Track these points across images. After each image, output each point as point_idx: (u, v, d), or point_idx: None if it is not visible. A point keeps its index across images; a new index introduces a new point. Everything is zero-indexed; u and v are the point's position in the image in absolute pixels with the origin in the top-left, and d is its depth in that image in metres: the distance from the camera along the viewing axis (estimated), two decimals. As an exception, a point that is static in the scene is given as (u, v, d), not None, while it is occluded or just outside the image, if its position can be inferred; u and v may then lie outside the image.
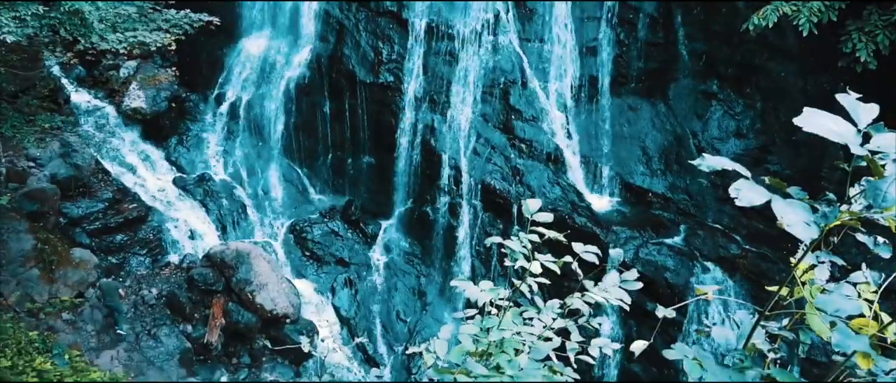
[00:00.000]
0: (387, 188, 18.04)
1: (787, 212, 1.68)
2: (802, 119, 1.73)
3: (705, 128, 17.29)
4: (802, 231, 1.64)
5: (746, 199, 1.73)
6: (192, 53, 18.75)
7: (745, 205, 1.74)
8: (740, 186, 1.76)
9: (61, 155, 16.43)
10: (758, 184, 1.76)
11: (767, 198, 1.73)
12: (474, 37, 17.28)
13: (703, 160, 1.95)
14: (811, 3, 13.17)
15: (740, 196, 1.74)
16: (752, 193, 1.72)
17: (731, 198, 7.03)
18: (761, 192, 1.73)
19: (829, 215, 1.71)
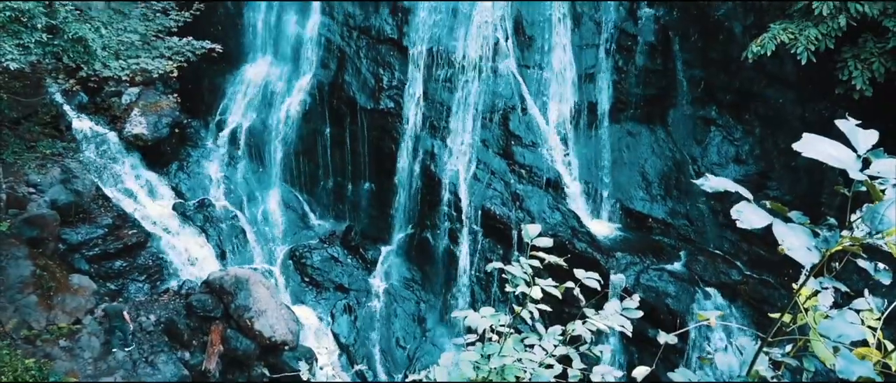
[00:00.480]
0: (387, 213, 18.04)
1: (789, 236, 1.67)
2: (802, 144, 1.74)
3: (705, 153, 17.34)
4: (804, 255, 1.64)
5: (748, 222, 1.73)
6: (194, 80, 18.89)
7: (746, 228, 1.74)
8: (742, 208, 1.76)
9: (62, 181, 16.46)
10: (760, 208, 1.77)
11: (769, 222, 1.73)
12: (474, 63, 17.42)
13: (707, 180, 1.95)
14: (808, 31, 13.31)
15: (742, 218, 1.74)
16: (753, 216, 1.72)
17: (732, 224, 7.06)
18: (763, 215, 1.73)
19: (831, 240, 1.71)
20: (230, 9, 19.02)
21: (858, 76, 13.44)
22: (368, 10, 18.02)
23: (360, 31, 18.04)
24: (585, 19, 17.82)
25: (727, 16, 17.07)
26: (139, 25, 13.97)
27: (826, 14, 13.09)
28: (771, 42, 13.64)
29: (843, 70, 13.75)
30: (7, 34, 10.84)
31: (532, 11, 17.69)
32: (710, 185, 1.87)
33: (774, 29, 13.83)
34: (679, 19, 17.65)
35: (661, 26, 17.66)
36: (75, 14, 12.38)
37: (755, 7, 16.41)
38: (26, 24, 10.96)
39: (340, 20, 18.23)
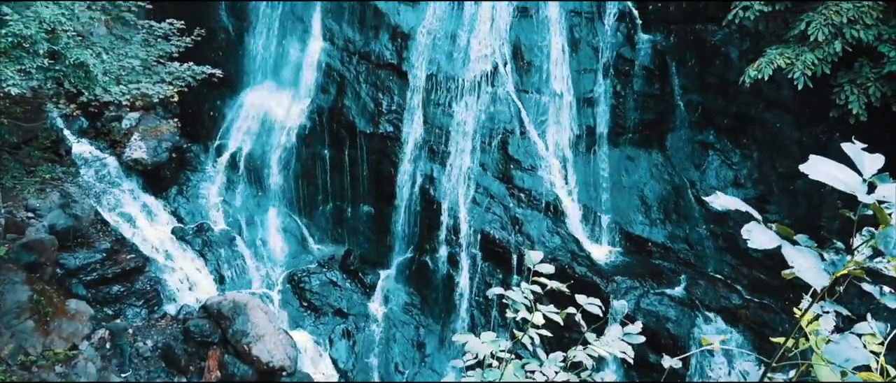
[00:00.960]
0: (386, 237, 18.00)
1: (799, 258, 1.67)
2: (808, 167, 1.75)
3: (703, 177, 17.38)
4: (814, 277, 1.63)
5: (758, 242, 1.73)
6: (194, 105, 18.98)
7: (756, 248, 1.73)
8: (752, 229, 1.76)
9: (61, 205, 16.44)
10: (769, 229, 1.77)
11: (778, 243, 1.72)
12: (473, 88, 17.52)
13: (716, 198, 1.95)
14: (805, 56, 13.42)
15: (752, 238, 1.74)
16: (763, 236, 1.72)
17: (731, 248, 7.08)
18: (772, 237, 1.73)
19: (838, 263, 1.71)
20: (231, 35, 19.18)
21: (854, 100, 13.52)
22: (368, 36, 18.17)
23: (359, 56, 18.17)
24: (583, 45, 17.98)
25: (724, 41, 17.24)
26: (140, 51, 14.05)
27: (821, 39, 13.21)
28: (768, 66, 13.75)
29: (839, 94, 13.84)
30: (9, 60, 10.90)
31: (530, 37, 17.84)
32: (720, 203, 1.87)
33: (771, 54, 13.95)
34: (676, 45, 17.81)
35: (658, 52, 17.82)
36: (77, 40, 12.46)
37: (751, 32, 16.57)
38: (28, 50, 11.03)
39: (340, 46, 18.37)
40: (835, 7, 13.27)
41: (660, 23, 17.94)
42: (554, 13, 17.87)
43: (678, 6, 17.80)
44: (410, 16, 17.96)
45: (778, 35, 14.70)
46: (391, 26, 17.96)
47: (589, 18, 18.07)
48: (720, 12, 16.73)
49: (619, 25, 18.00)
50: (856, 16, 13.08)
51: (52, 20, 11.03)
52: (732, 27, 16.28)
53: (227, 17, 19.20)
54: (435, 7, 17.90)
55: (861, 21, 13.08)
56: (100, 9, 13.45)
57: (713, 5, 17.40)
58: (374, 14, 18.10)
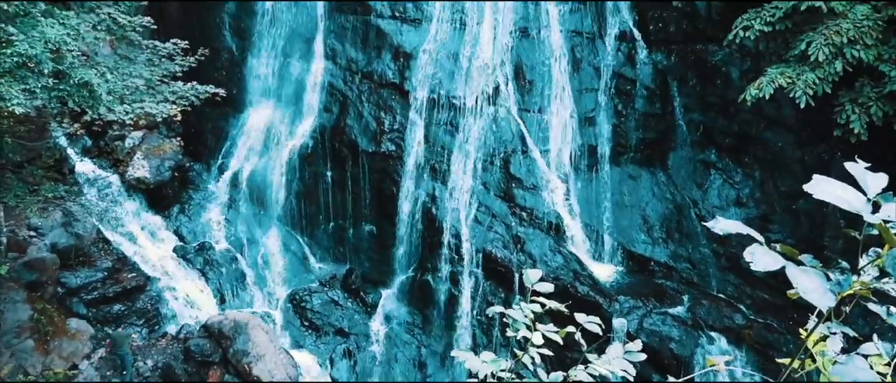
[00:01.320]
0: (387, 256, 17.96)
1: (803, 278, 1.66)
2: (812, 186, 1.74)
3: (705, 196, 17.36)
4: (820, 298, 1.62)
5: (761, 264, 1.72)
6: (197, 124, 19.05)
7: (759, 270, 1.72)
8: (755, 251, 1.75)
9: (63, 224, 16.45)
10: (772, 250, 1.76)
11: (782, 264, 1.71)
12: (475, 107, 17.59)
13: (717, 223, 1.94)
14: (805, 75, 13.47)
15: (755, 260, 1.73)
16: (766, 258, 1.71)
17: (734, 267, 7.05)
18: (776, 258, 1.72)
19: (844, 283, 1.70)
20: (235, 54, 19.31)
21: (856, 120, 13.54)
22: (371, 56, 18.28)
23: (362, 75, 18.27)
24: (585, 64, 18.07)
25: (724, 61, 17.32)
26: (144, 70, 14.15)
27: (822, 59, 13.26)
28: (769, 85, 13.79)
29: (840, 114, 13.86)
30: (14, 79, 10.97)
31: (531, 56, 17.95)
32: (721, 228, 1.86)
33: (772, 73, 13.99)
34: (677, 64, 17.89)
35: (659, 71, 17.90)
36: (81, 59, 12.56)
37: (752, 52, 16.65)
38: (33, 70, 11.11)
39: (343, 65, 18.48)
40: (835, 27, 13.34)
41: (660, 43, 18.04)
42: (555, 33, 17.99)
43: (679, 26, 17.91)
44: (412, 36, 18.09)
45: (778, 55, 14.77)
46: (393, 46, 18.08)
47: (590, 38, 18.18)
48: (720, 32, 16.83)
49: (620, 45, 18.11)
50: (856, 36, 13.14)
51: (58, 40, 11.12)
52: (733, 47, 16.37)
53: (230, 37, 19.35)
54: (437, 27, 18.04)
55: (861, 41, 13.13)
56: (105, 29, 13.57)
57: (713, 25, 17.52)
58: (377, 34, 18.23)
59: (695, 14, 17.72)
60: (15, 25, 11.04)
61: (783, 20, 14.21)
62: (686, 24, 17.82)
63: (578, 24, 18.20)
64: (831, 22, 13.49)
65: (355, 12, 18.46)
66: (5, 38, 10.73)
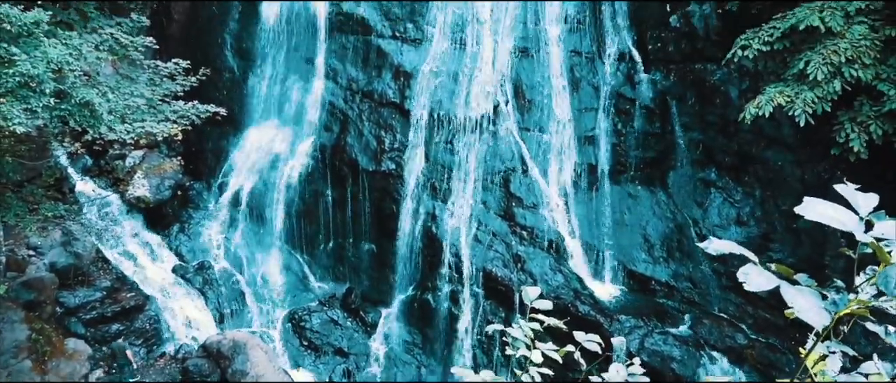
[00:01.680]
0: (388, 275, 17.91)
1: (798, 298, 1.65)
2: (803, 208, 1.74)
3: (706, 215, 17.34)
4: (815, 317, 1.61)
5: (755, 284, 1.71)
6: (197, 142, 19.10)
7: (753, 290, 1.72)
8: (748, 271, 1.75)
9: (62, 243, 16.42)
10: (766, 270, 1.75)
11: (776, 284, 1.71)
12: (475, 126, 17.65)
13: (710, 243, 1.94)
14: (804, 94, 13.52)
15: (748, 281, 1.73)
16: (760, 278, 1.71)
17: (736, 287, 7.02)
18: (769, 278, 1.71)
19: (839, 302, 1.69)
20: (236, 74, 19.42)
21: (855, 138, 13.56)
22: (371, 75, 18.39)
23: (362, 94, 18.36)
24: (584, 84, 18.16)
25: (723, 80, 17.39)
26: (146, 90, 14.20)
27: (821, 78, 13.32)
28: (768, 104, 13.84)
29: (839, 132, 13.89)
30: (15, 99, 11.02)
31: (531, 76, 18.05)
32: (714, 248, 1.86)
33: (770, 92, 14.05)
34: (676, 84, 17.97)
35: (658, 91, 17.98)
36: (83, 79, 12.61)
37: (750, 72, 16.73)
38: (35, 89, 11.16)
39: (344, 85, 18.58)
40: (833, 46, 13.42)
41: (659, 62, 18.14)
42: (555, 53, 18.11)
43: (677, 46, 18.02)
44: (413, 56, 18.21)
45: (777, 74, 14.84)
46: (394, 66, 18.19)
47: (589, 58, 18.29)
48: (719, 52, 16.92)
49: (619, 65, 18.21)
50: (854, 55, 13.21)
51: (60, 60, 11.18)
52: (731, 66, 16.45)
53: (232, 57, 19.47)
54: (437, 47, 18.17)
55: (859, 60, 13.20)
56: (107, 49, 13.65)
57: (712, 45, 17.63)
58: (377, 54, 18.35)
59: (693, 34, 17.84)
60: (18, 45, 11.11)
61: (781, 40, 14.30)
62: (685, 44, 17.93)
63: (578, 45, 18.32)
64: (829, 41, 13.57)
65: (356, 32, 18.60)
66: (8, 58, 10.79)
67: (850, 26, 13.56)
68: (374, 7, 18.63)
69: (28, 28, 11.02)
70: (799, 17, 13.87)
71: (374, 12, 18.58)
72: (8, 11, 10.78)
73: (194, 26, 19.60)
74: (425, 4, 18.47)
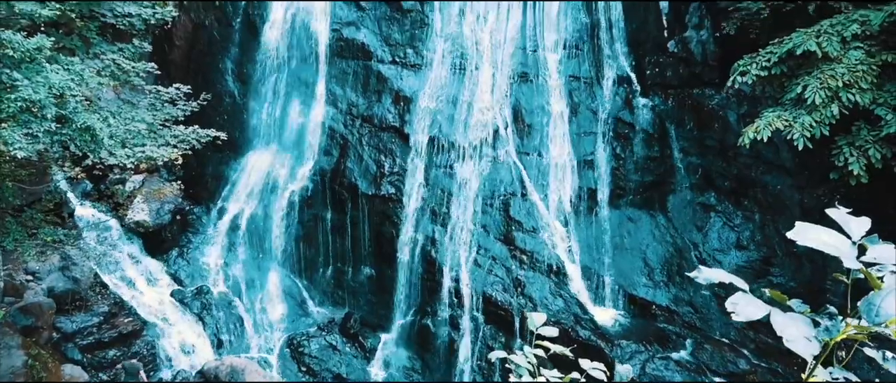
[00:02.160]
0: (387, 300, 17.81)
1: (788, 326, 1.64)
2: (795, 233, 1.74)
3: (705, 239, 17.31)
4: (803, 346, 1.60)
5: (744, 314, 1.70)
6: (197, 167, 19.13)
7: (743, 320, 1.70)
8: (737, 300, 1.73)
9: (61, 268, 16.36)
10: (756, 298, 1.74)
11: (766, 312, 1.69)
12: (474, 150, 17.69)
13: (700, 272, 1.93)
14: (802, 118, 13.57)
15: (738, 310, 1.71)
16: (750, 307, 1.69)
17: (736, 311, 6.78)
18: (759, 306, 1.70)
19: (832, 330, 1.68)
20: (237, 99, 19.52)
21: (854, 162, 13.59)
22: (371, 100, 18.48)
23: (362, 119, 18.44)
24: (583, 108, 18.24)
25: (721, 105, 17.49)
26: (147, 115, 14.26)
27: (818, 102, 13.39)
28: (766, 129, 13.89)
29: (838, 156, 13.93)
30: (17, 124, 11.06)
31: (530, 101, 18.14)
32: (704, 277, 1.85)
33: (769, 116, 14.11)
34: (674, 108, 18.06)
35: (656, 115, 18.06)
36: (84, 104, 12.67)
37: (748, 96, 16.83)
38: (36, 114, 11.21)
39: (344, 109, 18.66)
40: (830, 71, 13.51)
41: (657, 87, 18.25)
42: (553, 78, 18.23)
43: (675, 71, 18.15)
44: (413, 81, 18.32)
45: (775, 98, 14.92)
46: (394, 91, 18.29)
47: (588, 83, 18.41)
48: (717, 77, 17.07)
49: (618, 90, 18.32)
50: (851, 80, 13.30)
51: (62, 85, 11.24)
52: (729, 91, 16.56)
53: (232, 82, 19.59)
54: (437, 72, 18.29)
55: (857, 85, 13.28)
56: (109, 75, 13.73)
57: (709, 70, 17.77)
58: (378, 79, 18.47)
59: (691, 60, 17.98)
60: (20, 71, 11.18)
61: (778, 64, 14.40)
62: (682, 68, 18.06)
63: (576, 70, 18.44)
64: (826, 66, 13.66)
65: (356, 58, 18.74)
66: (10, 83, 10.86)
67: (846, 51, 13.67)
68: (375, 33, 18.79)
69: (31, 54, 11.10)
70: (796, 42, 13.99)
71: (374, 38, 18.74)
72: (11, 37, 10.86)
73: (196, 51, 19.75)
74: (425, 30, 18.64)
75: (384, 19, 18.80)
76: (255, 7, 19.55)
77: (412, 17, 18.69)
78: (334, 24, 18.91)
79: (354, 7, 18.97)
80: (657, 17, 18.60)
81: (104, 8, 14.32)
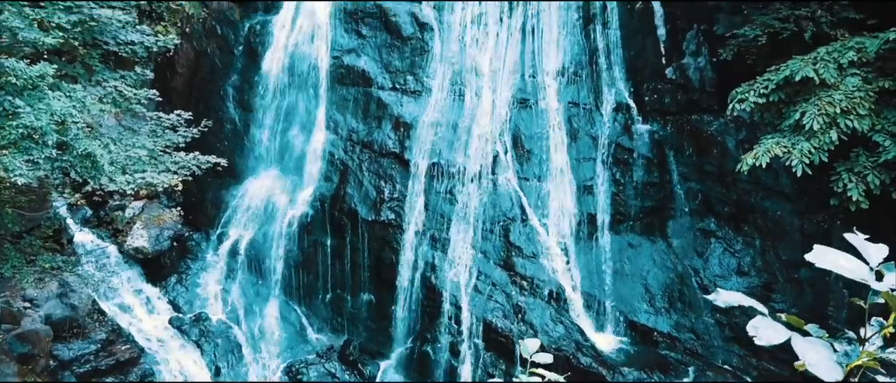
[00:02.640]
0: (386, 326, 17.69)
1: (810, 351, 1.63)
2: (814, 256, 1.74)
3: (707, 265, 17.27)
4: (826, 371, 1.58)
5: (765, 338, 1.69)
6: (197, 193, 19.14)
7: (764, 345, 1.69)
8: (758, 324, 1.72)
9: (58, 295, 16.27)
10: (776, 322, 1.73)
11: (787, 337, 1.68)
12: (474, 176, 17.72)
13: (718, 295, 1.92)
14: (801, 144, 13.63)
15: (759, 334, 1.70)
16: (770, 331, 1.68)
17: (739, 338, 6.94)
18: (780, 330, 1.69)
19: (852, 354, 1.67)
20: (237, 125, 19.60)
21: (853, 188, 13.62)
22: (371, 126, 18.57)
23: (362, 145, 18.50)
24: (582, 134, 18.32)
25: (720, 131, 17.57)
26: (147, 141, 14.30)
27: (817, 129, 13.46)
28: (765, 155, 13.94)
29: (837, 182, 13.96)
30: (18, 150, 11.08)
31: (530, 127, 18.23)
32: (723, 300, 1.84)
33: (767, 142, 14.17)
34: (673, 134, 18.14)
35: (655, 141, 18.13)
36: (85, 130, 12.71)
37: (747, 123, 16.92)
38: (37, 141, 11.24)
39: (344, 135, 18.73)
40: (827, 98, 13.60)
41: (656, 113, 18.35)
42: (552, 104, 18.34)
43: (673, 98, 18.28)
44: (413, 107, 18.43)
45: (773, 125, 14.99)
46: (394, 117, 18.38)
47: (587, 109, 18.51)
48: (715, 103, 17.18)
49: (617, 116, 18.41)
50: (849, 106, 13.38)
51: (63, 113, 11.29)
52: (728, 117, 16.65)
53: (234, 108, 19.69)
54: (437, 98, 18.41)
55: (854, 111, 13.36)
56: (111, 101, 13.80)
57: (708, 96, 17.89)
58: (378, 105, 18.57)
59: (689, 86, 18.12)
60: (23, 98, 11.24)
61: (776, 91, 14.50)
62: (680, 95, 18.19)
63: (575, 96, 18.56)
64: (823, 92, 13.75)
65: (357, 84, 18.87)
66: (12, 110, 10.91)
67: (843, 78, 13.78)
68: (375, 60, 18.95)
69: (33, 81, 11.17)
70: (793, 68, 14.10)
71: (374, 65, 18.89)
72: (14, 65, 10.95)
73: (197, 78, 19.88)
74: (425, 57, 18.80)
75: (384, 47, 18.97)
76: (257, 35, 19.73)
77: (412, 45, 18.86)
78: (335, 51, 19.08)
79: (355, 35, 19.15)
80: (655, 44, 18.78)
81: (107, 36, 14.45)
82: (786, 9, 15.68)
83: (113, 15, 13.93)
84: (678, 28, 18.60)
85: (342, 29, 19.20)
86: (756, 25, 15.87)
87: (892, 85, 13.53)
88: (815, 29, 15.17)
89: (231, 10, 20.11)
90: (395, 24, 18.94)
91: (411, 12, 19.03)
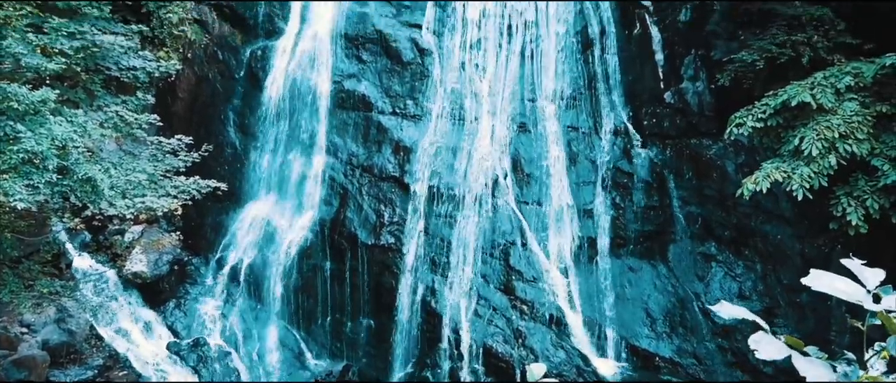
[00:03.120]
0: (386, 352, 17.56)
1: (811, 369, 1.63)
2: (811, 279, 1.74)
3: (707, 289, 17.19)
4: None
5: (766, 353, 1.69)
6: (196, 217, 19.12)
7: (764, 359, 1.69)
8: (759, 339, 1.73)
9: (56, 320, 16.17)
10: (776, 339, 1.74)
11: (787, 354, 1.69)
12: (474, 200, 17.73)
13: (722, 307, 1.93)
14: (800, 169, 13.65)
15: (760, 349, 1.70)
16: (771, 347, 1.69)
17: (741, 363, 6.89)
18: (780, 347, 1.69)
19: (851, 374, 1.67)
20: (238, 149, 19.65)
21: (852, 212, 13.61)
22: (371, 150, 18.62)
23: (362, 169, 18.53)
24: (581, 158, 18.37)
25: (719, 155, 17.62)
26: (148, 166, 14.34)
27: (816, 153, 13.49)
28: (765, 180, 13.95)
29: (836, 206, 13.95)
30: (18, 175, 11.10)
31: (529, 151, 18.28)
32: (726, 312, 1.85)
33: (767, 168, 14.18)
34: (672, 158, 18.19)
35: (654, 165, 18.17)
36: (86, 155, 12.76)
37: (746, 147, 16.97)
38: (38, 166, 11.27)
39: (344, 159, 18.78)
40: (826, 122, 13.65)
41: (655, 137, 18.42)
42: (552, 129, 18.41)
43: (672, 122, 18.35)
44: (413, 131, 18.50)
45: (773, 149, 15.03)
46: (394, 141, 18.44)
47: (586, 134, 18.59)
48: (714, 127, 17.23)
49: (616, 140, 18.48)
50: (847, 131, 13.42)
51: (64, 137, 11.34)
52: (727, 142, 16.70)
53: (234, 133, 19.76)
54: (436, 123, 18.48)
55: (853, 136, 13.40)
56: (112, 126, 13.87)
57: (706, 120, 17.96)
58: (378, 130, 18.65)
59: (687, 110, 18.20)
60: (24, 123, 11.30)
61: (774, 116, 14.56)
62: (679, 119, 18.27)
63: (574, 120, 18.65)
64: (821, 117, 13.81)
65: (357, 109, 18.97)
66: (13, 135, 10.95)
67: (841, 103, 13.84)
68: (375, 85, 19.07)
69: (35, 106, 11.23)
70: (790, 93, 14.18)
71: (375, 90, 19.01)
72: (16, 90, 11.01)
73: (198, 103, 19.99)
74: (425, 82, 18.92)
75: (385, 72, 19.11)
76: (259, 60, 19.88)
77: (412, 70, 19.00)
78: (335, 76, 19.21)
79: (355, 60, 19.30)
80: (653, 69, 18.91)
81: (109, 61, 14.56)
82: (783, 34, 15.82)
83: (115, 41, 14.06)
84: (676, 53, 18.75)
85: (343, 54, 19.36)
86: (753, 50, 16.01)
87: (889, 109, 13.59)
88: (812, 54, 15.28)
89: (233, 36, 20.28)
90: (396, 50, 19.10)
91: (411, 38, 19.21)
